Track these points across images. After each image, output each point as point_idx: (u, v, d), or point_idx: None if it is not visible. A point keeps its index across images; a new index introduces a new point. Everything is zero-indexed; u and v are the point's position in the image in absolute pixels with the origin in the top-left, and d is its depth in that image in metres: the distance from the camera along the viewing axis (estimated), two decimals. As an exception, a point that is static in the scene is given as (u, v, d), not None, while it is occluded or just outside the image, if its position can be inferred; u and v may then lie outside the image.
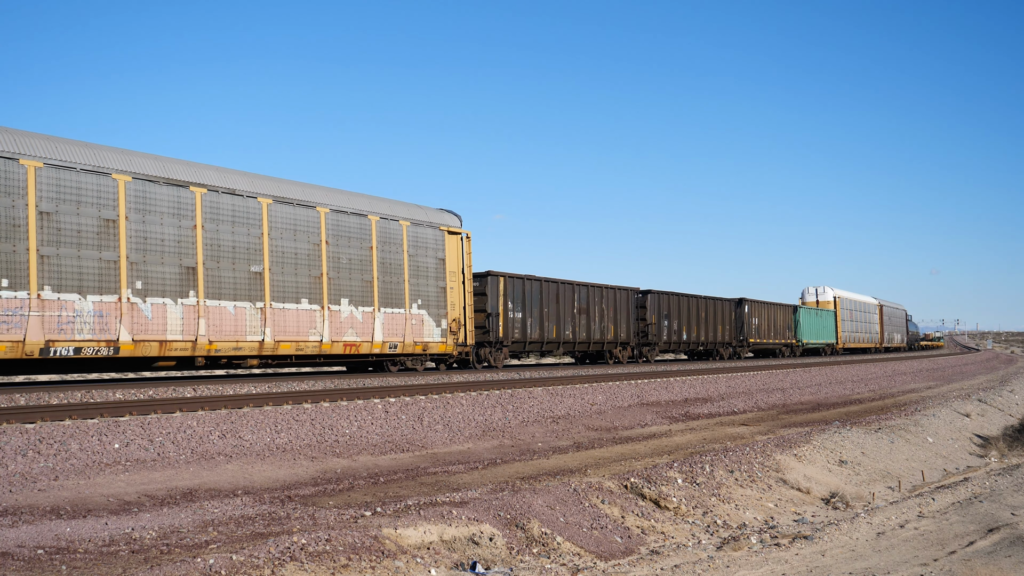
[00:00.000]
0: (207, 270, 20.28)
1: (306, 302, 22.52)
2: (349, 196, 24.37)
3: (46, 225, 17.64)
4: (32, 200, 17.40)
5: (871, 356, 64.09)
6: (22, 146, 17.44)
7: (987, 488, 13.17)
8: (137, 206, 19.11)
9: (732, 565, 8.62)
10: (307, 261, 22.67)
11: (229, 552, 7.02)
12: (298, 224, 22.57)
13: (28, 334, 16.98)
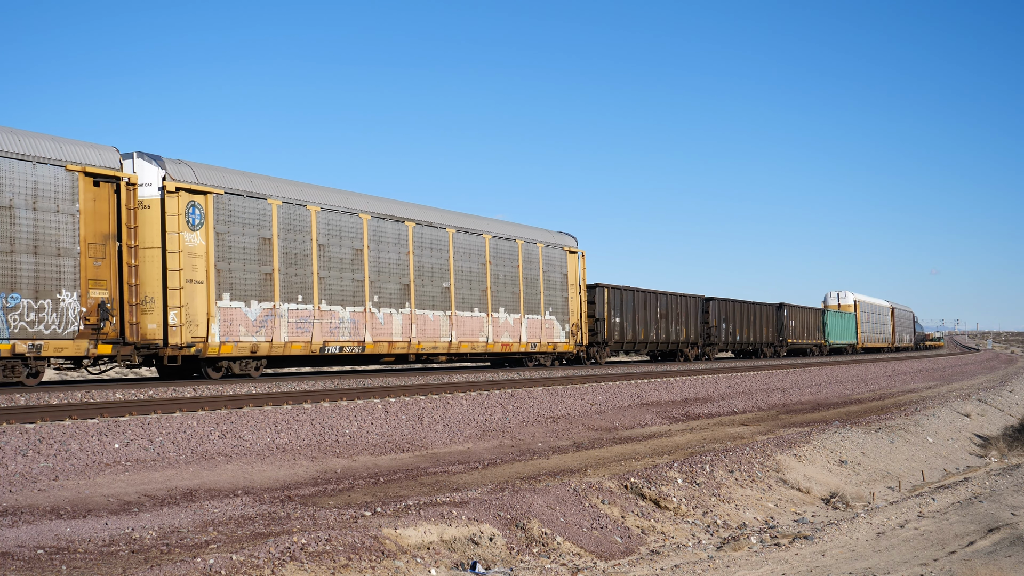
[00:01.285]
0: (416, 287, 25.82)
1: (477, 310, 28.10)
2: (502, 225, 30.44)
3: (321, 255, 22.93)
4: (314, 236, 22.81)
5: (871, 356, 64.19)
6: (307, 195, 22.94)
7: (987, 488, 13.17)
8: (373, 238, 24.62)
9: (732, 565, 8.62)
10: (477, 278, 28.31)
11: (229, 552, 7.02)
12: (472, 249, 28.27)
13: (314, 336, 22.45)
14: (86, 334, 17.69)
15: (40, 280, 17.15)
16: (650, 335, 39.50)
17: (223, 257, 20.44)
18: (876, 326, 77.58)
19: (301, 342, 22.06)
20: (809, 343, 60.34)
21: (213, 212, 20.32)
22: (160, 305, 19.29)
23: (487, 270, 28.65)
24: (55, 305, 17.32)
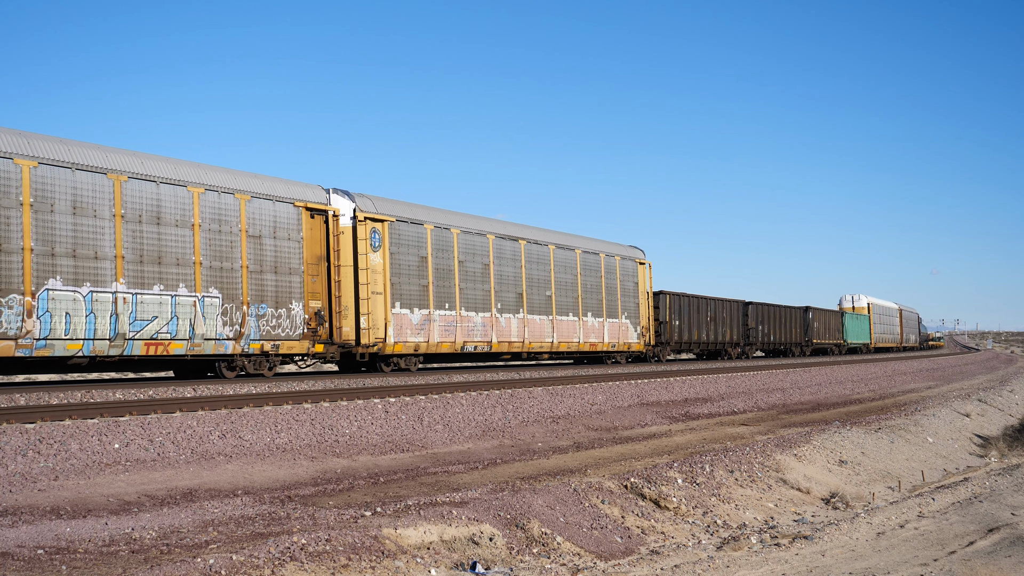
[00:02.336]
0: (527, 295, 30.27)
1: (571, 315, 32.53)
2: (588, 241, 34.89)
3: (461, 269, 27.51)
4: (456, 254, 27.38)
5: (871, 356, 64.19)
6: (450, 220, 27.46)
7: (987, 488, 13.17)
8: (497, 255, 29.18)
9: (732, 565, 8.62)
10: (571, 287, 32.81)
11: (229, 552, 7.02)
12: (567, 262, 32.81)
13: (456, 337, 26.95)
14: (307, 336, 22.13)
15: (279, 293, 21.59)
16: (702, 336, 44.34)
17: (395, 272, 25.10)
18: (887, 327, 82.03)
19: (448, 342, 26.64)
20: (830, 343, 64.71)
21: (388, 236, 24.94)
22: (352, 312, 23.55)
23: (578, 280, 33.28)
24: (288, 313, 21.68)
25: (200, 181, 20.16)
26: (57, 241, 17.44)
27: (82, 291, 17.71)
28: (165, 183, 19.41)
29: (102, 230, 18.15)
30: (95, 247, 18.01)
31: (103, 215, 18.22)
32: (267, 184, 21.77)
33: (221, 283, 20.24)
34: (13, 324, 16.60)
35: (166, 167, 19.64)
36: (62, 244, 17.51)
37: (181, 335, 19.31)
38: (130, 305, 18.44)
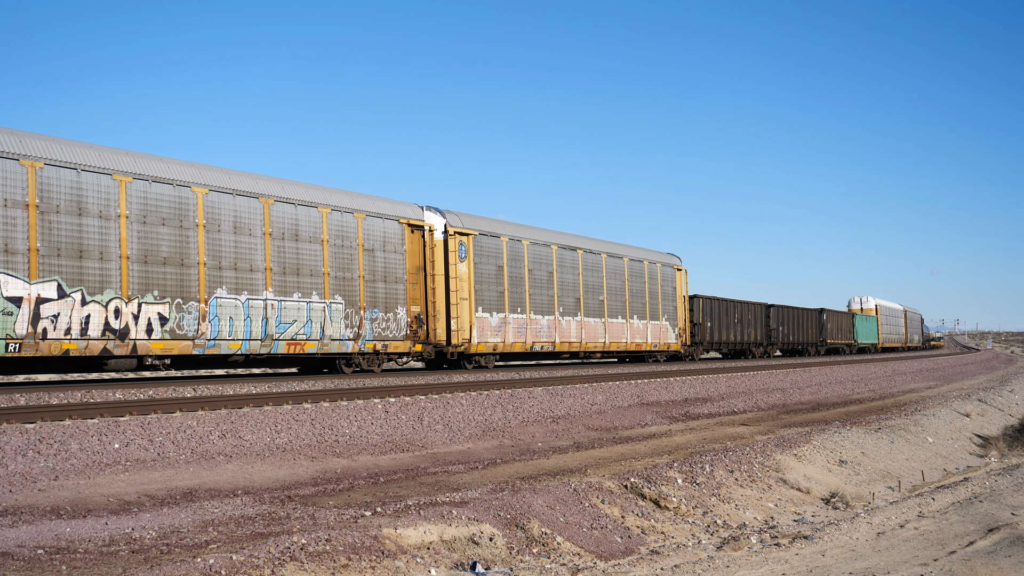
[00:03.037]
0: (584, 300, 33.68)
1: (620, 317, 36.01)
2: (634, 249, 38.41)
3: (530, 277, 30.77)
4: (526, 263, 30.66)
5: (873, 356, 64.21)
6: (521, 233, 30.75)
7: (987, 488, 13.17)
8: (559, 264, 32.53)
9: (732, 565, 8.62)
10: (619, 291, 36.21)
11: (229, 552, 7.02)
12: (616, 269, 36.28)
13: (527, 338, 30.22)
14: (409, 337, 25.31)
15: (387, 299, 24.83)
16: (730, 336, 47.92)
17: (478, 280, 28.19)
18: (893, 327, 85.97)
19: (520, 343, 30.00)
20: (842, 343, 68.32)
21: (472, 248, 28.10)
22: (443, 315, 26.72)
23: (626, 286, 36.82)
24: (395, 317, 24.93)
25: (327, 203, 23.47)
26: (223, 256, 20.63)
27: (241, 299, 20.94)
28: (301, 205, 22.76)
29: (255, 246, 21.45)
30: (250, 261, 21.30)
31: (256, 233, 21.54)
32: (377, 204, 25.21)
33: (343, 291, 23.62)
34: (191, 327, 19.69)
35: (301, 191, 22.93)
36: (227, 259, 20.71)
37: (314, 336, 22.54)
38: (276, 310, 21.70)
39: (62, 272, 17.62)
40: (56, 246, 17.57)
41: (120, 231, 18.62)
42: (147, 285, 19.00)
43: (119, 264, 18.57)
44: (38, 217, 17.35)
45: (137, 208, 18.99)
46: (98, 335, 18.01)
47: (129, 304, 18.61)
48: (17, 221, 17.03)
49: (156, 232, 19.26)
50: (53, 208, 17.60)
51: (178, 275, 19.59)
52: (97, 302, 18.09)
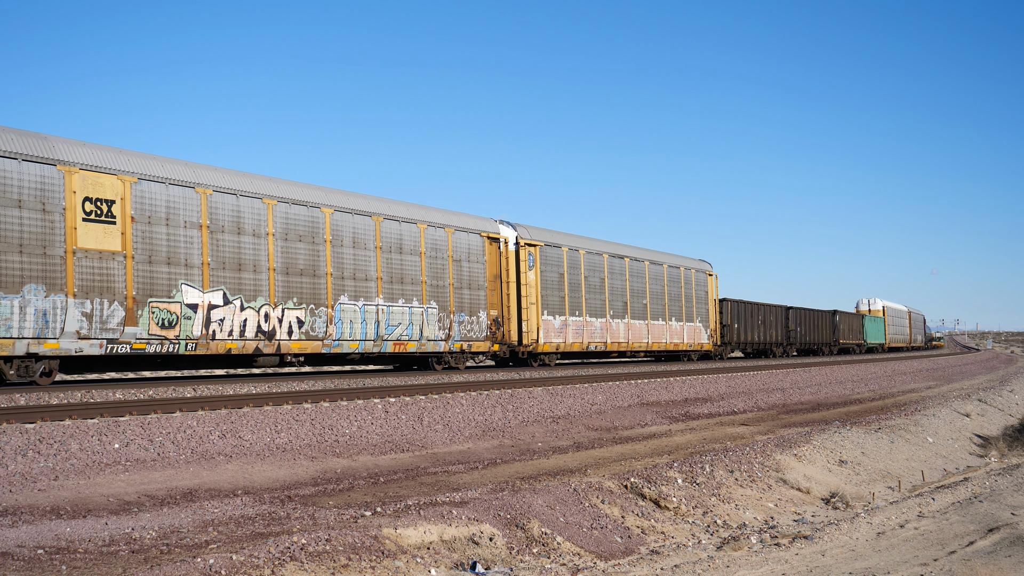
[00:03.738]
0: (631, 303, 36.74)
1: (660, 319, 39.14)
2: (672, 256, 41.53)
3: (586, 283, 33.82)
4: (582, 270, 33.64)
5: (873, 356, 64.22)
6: (578, 243, 33.67)
7: (987, 488, 13.17)
8: (610, 271, 35.63)
9: (732, 565, 8.62)
10: (659, 295, 39.32)
11: (229, 552, 7.02)
12: (657, 275, 39.39)
13: (583, 338, 33.08)
14: (489, 338, 28.25)
15: (471, 304, 27.75)
16: (754, 337, 51.16)
17: (544, 287, 31.17)
18: (899, 328, 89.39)
19: (577, 343, 32.77)
20: (852, 343, 71.47)
21: (539, 258, 31.12)
22: (515, 318, 29.60)
23: (665, 290, 39.86)
24: (477, 320, 27.85)
25: (424, 219, 26.47)
26: (345, 267, 23.68)
27: (358, 304, 23.98)
28: (404, 222, 25.74)
29: (369, 259, 24.51)
30: (365, 271, 24.32)
31: (370, 247, 24.58)
32: (463, 219, 28.22)
33: (437, 297, 26.59)
34: (321, 329, 22.67)
35: (404, 210, 26.00)
36: (347, 269, 23.76)
37: (414, 337, 25.58)
38: (385, 315, 24.71)
39: (226, 282, 20.68)
40: (222, 260, 20.62)
41: (268, 247, 21.80)
42: (288, 293, 22.17)
43: (268, 275, 21.75)
44: (209, 236, 20.39)
45: (280, 227, 22.13)
46: (252, 336, 21.08)
47: (275, 309, 21.77)
48: (194, 240, 20.07)
49: (295, 247, 22.47)
50: (219, 228, 20.66)
51: (311, 284, 22.75)
52: (252, 308, 21.20)
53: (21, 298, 16.93)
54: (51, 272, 17.44)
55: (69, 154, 18.07)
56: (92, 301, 17.99)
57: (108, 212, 18.48)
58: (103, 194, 18.41)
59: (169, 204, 19.57)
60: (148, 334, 18.84)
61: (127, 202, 18.76)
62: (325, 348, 22.72)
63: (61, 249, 17.62)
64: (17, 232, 17.00)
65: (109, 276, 18.36)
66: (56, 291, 17.46)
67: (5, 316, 16.59)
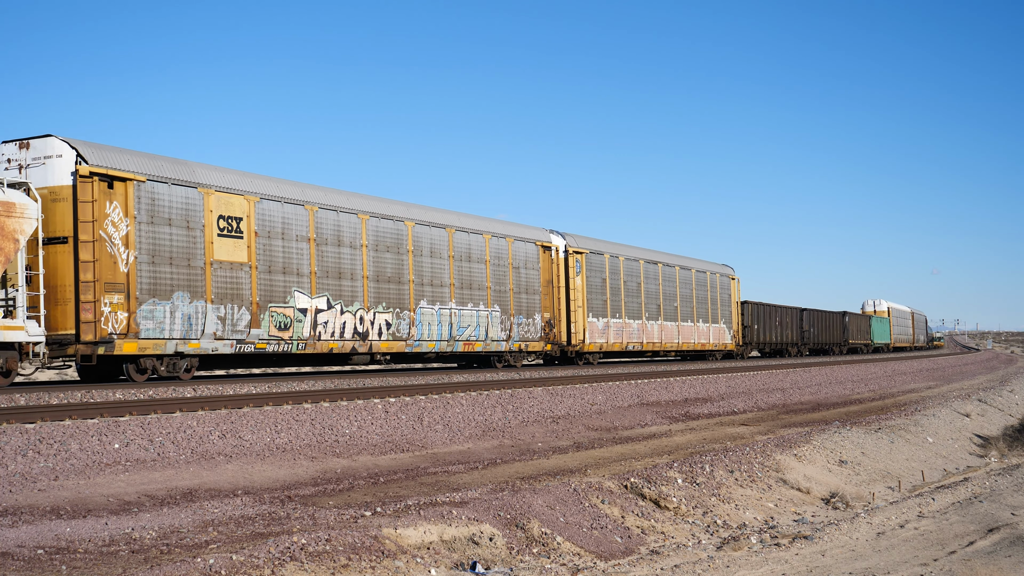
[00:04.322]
0: (663, 305, 39.62)
1: (688, 321, 41.77)
2: (699, 262, 44.30)
3: (624, 287, 36.48)
4: (622, 276, 36.35)
5: (873, 356, 64.25)
6: (617, 250, 36.50)
7: (987, 488, 13.17)
8: (646, 275, 38.27)
9: (732, 565, 8.62)
10: (689, 299, 41.98)
11: (229, 552, 7.02)
12: (686, 279, 42.12)
13: (622, 339, 35.91)
14: (542, 338, 30.95)
15: (528, 308, 30.35)
16: (772, 337, 54.17)
17: (589, 291, 33.66)
18: (903, 328, 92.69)
19: (618, 343, 35.53)
20: (860, 343, 74.49)
21: (585, 264, 33.58)
22: (564, 320, 32.16)
23: (693, 294, 42.42)
24: (533, 322, 30.53)
25: (488, 230, 29.11)
26: (423, 274, 26.15)
27: (435, 308, 26.40)
28: (471, 233, 28.27)
29: (443, 267, 26.98)
30: (440, 278, 26.80)
31: (444, 256, 27.08)
32: (520, 230, 30.96)
33: (499, 301, 29.10)
34: (404, 330, 25.20)
35: (471, 221, 28.62)
36: (426, 276, 26.23)
37: (480, 338, 28.08)
38: (457, 317, 27.17)
39: (329, 289, 23.03)
40: (326, 269, 23.01)
41: (363, 257, 24.22)
42: (378, 298, 24.56)
43: (362, 283, 24.14)
44: (315, 248, 22.79)
45: (372, 239, 24.56)
46: (349, 337, 23.46)
47: (368, 313, 24.15)
48: (303, 252, 22.46)
49: (383, 257, 24.93)
50: (324, 241, 23.06)
51: (396, 290, 25.20)
52: (349, 312, 23.57)
53: (171, 304, 19.14)
54: (194, 281, 19.71)
55: (206, 177, 20.34)
56: (225, 306, 20.32)
57: (237, 228, 20.88)
58: (233, 212, 20.75)
59: (284, 220, 22.02)
60: (268, 335, 21.27)
61: (251, 219, 21.16)
62: (408, 348, 25.37)
63: (201, 261, 19.89)
64: (168, 247, 19.28)
65: (238, 284, 20.76)
66: (198, 298, 19.74)
67: (160, 320, 18.87)
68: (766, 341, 53.19)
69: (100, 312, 17.70)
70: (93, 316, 17.57)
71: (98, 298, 17.72)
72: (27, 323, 16.54)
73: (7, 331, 16.19)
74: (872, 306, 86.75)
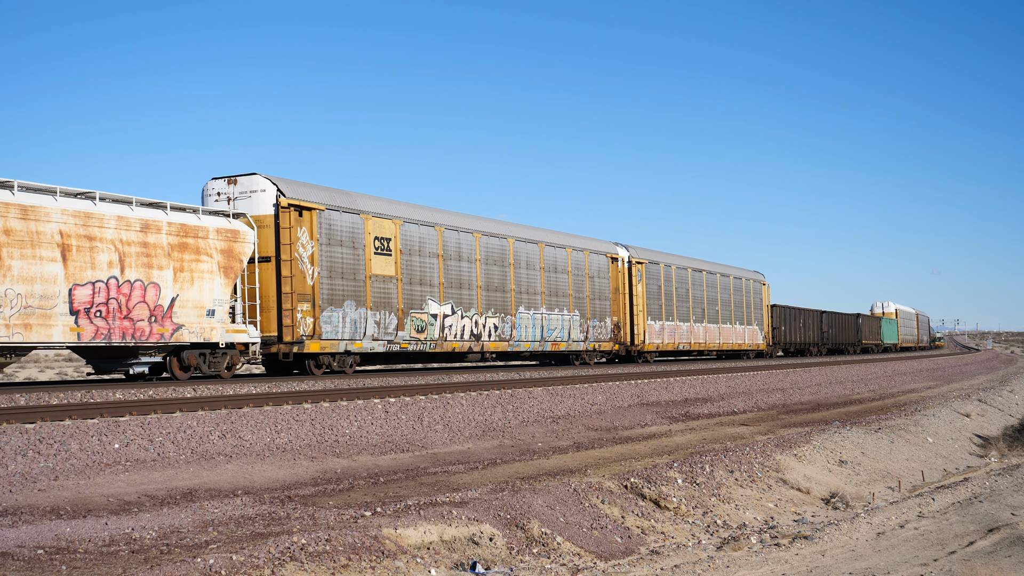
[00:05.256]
0: (707, 308, 43.80)
1: (727, 323, 45.98)
2: (734, 269, 48.45)
3: (676, 293, 40.75)
4: (674, 283, 40.71)
5: (875, 356, 64.24)
6: (671, 260, 41.07)
7: (987, 488, 13.17)
8: (694, 283, 42.63)
9: (732, 565, 8.62)
10: (727, 303, 46.08)
11: (229, 552, 7.02)
12: (725, 285, 46.28)
13: (675, 339, 40.17)
14: (611, 339, 35.14)
15: (600, 312, 34.65)
16: (796, 338, 58.47)
17: (648, 297, 38.04)
18: (909, 329, 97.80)
19: (671, 343, 39.87)
20: (872, 343, 79.24)
21: (645, 273, 37.96)
22: (628, 323, 36.59)
23: (731, 298, 46.60)
24: (604, 325, 34.81)
25: (570, 244, 33.29)
26: (521, 284, 30.10)
27: (529, 313, 30.42)
28: (557, 247, 32.48)
29: (535, 277, 31.00)
30: (534, 287, 30.86)
31: (536, 268, 31.08)
32: (593, 243, 35.17)
33: (579, 306, 33.22)
34: (507, 332, 29.13)
35: (555, 237, 32.78)
36: (523, 286, 30.17)
37: (564, 339, 32.24)
38: (546, 321, 31.25)
39: (452, 297, 26.88)
40: (450, 281, 26.86)
41: (476, 270, 28.16)
42: (488, 305, 28.43)
43: (476, 292, 28.04)
44: (443, 263, 26.70)
45: (483, 254, 28.49)
46: (467, 338, 27.36)
47: (481, 317, 28.03)
48: (434, 266, 26.36)
49: (491, 270, 28.80)
50: (448, 256, 26.95)
51: (501, 298, 29.05)
52: (468, 317, 27.44)
53: (343, 311, 22.91)
54: (358, 292, 23.57)
55: (365, 205, 24.24)
56: (379, 312, 24.20)
57: (387, 247, 24.78)
58: (384, 234, 24.66)
59: (420, 239, 25.92)
60: (409, 336, 25.10)
61: (397, 239, 25.10)
62: (509, 347, 29.27)
63: (363, 275, 23.77)
64: (340, 263, 23.04)
65: (388, 294, 24.61)
66: (361, 305, 23.61)
67: (335, 324, 22.58)
68: (791, 341, 57.33)
69: (296, 318, 21.44)
70: (291, 321, 21.39)
71: (294, 306, 21.47)
72: (248, 327, 20.60)
73: (235, 333, 20.25)
74: (881, 308, 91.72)
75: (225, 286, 20.07)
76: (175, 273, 19.09)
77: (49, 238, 17.01)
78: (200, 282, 19.52)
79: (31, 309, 16.59)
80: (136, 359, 19.01)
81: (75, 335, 17.26)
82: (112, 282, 17.92)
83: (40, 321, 16.78)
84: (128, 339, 18.12)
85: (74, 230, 17.40)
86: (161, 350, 19.23)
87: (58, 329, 17.00)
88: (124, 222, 18.37)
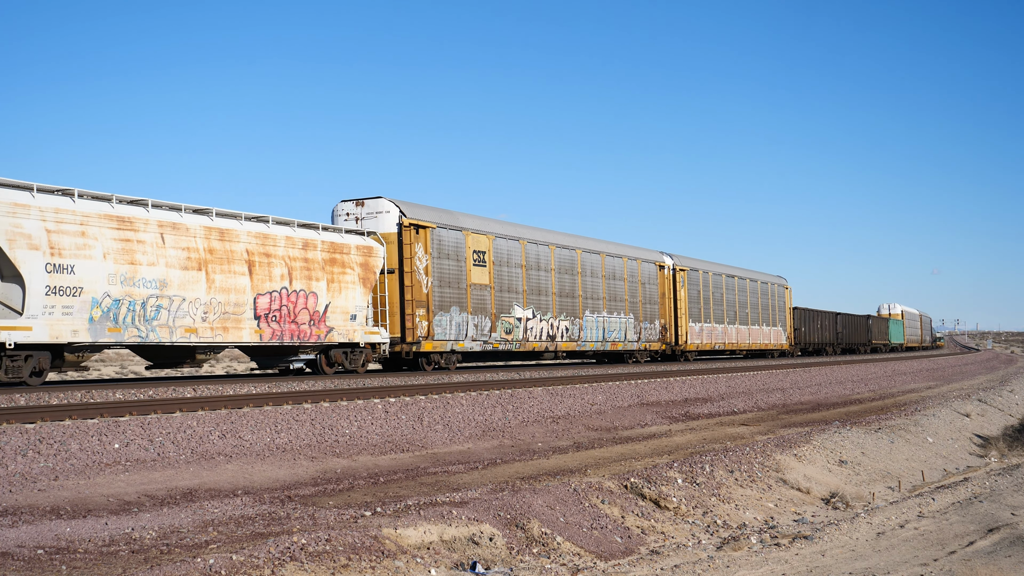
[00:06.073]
0: (738, 312, 47.57)
1: (754, 325, 49.69)
2: (760, 274, 52.22)
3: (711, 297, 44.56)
4: (710, 288, 44.60)
5: (874, 356, 64.25)
6: (706, 267, 44.77)
7: (987, 488, 13.17)
8: (727, 287, 46.55)
9: (732, 565, 8.62)
10: (756, 306, 50.14)
11: (229, 552, 7.02)
12: (753, 289, 49.97)
13: (712, 340, 44.04)
14: (659, 340, 38.97)
15: (650, 315, 38.49)
16: (814, 339, 62.49)
17: (689, 300, 41.90)
18: (913, 329, 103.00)
19: (708, 343, 43.61)
20: (881, 343, 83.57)
21: (686, 279, 41.90)
22: (673, 324, 40.39)
23: (758, 301, 50.60)
24: (653, 326, 38.65)
25: (625, 254, 37.16)
26: (586, 290, 33.81)
27: (593, 316, 34.14)
28: (616, 257, 36.37)
29: (598, 284, 34.74)
30: (597, 292, 34.59)
31: (598, 275, 34.82)
32: (644, 252, 38.98)
33: (633, 310, 37.09)
34: (576, 334, 32.73)
35: (614, 247, 36.57)
36: (588, 292, 33.91)
37: (621, 340, 36.09)
38: (606, 323, 34.96)
39: (533, 303, 30.37)
40: (531, 288, 30.34)
41: (552, 278, 31.77)
42: (561, 309, 32.03)
43: (551, 298, 31.63)
44: (525, 272, 30.28)
45: (556, 264, 32.10)
46: (545, 339, 31.00)
47: (555, 320, 31.61)
48: (518, 275, 29.94)
49: (563, 278, 32.48)
50: (530, 266, 30.54)
51: (571, 303, 32.65)
52: (545, 320, 31.03)
53: (449, 315, 26.41)
54: (460, 299, 26.97)
55: (465, 223, 27.82)
56: (477, 316, 27.58)
57: (482, 259, 28.22)
58: (480, 247, 28.13)
59: (508, 252, 29.48)
60: (500, 337, 28.50)
61: (490, 252, 28.57)
62: (577, 347, 32.86)
63: (464, 284, 27.27)
64: (447, 274, 26.56)
65: (483, 300, 28.00)
66: (463, 311, 27.07)
67: (444, 327, 26.05)
68: (809, 341, 61.27)
69: (415, 322, 24.92)
70: (412, 324, 24.94)
71: (413, 312, 24.98)
72: (380, 329, 24.18)
73: (371, 335, 23.84)
74: (888, 310, 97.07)
75: (364, 294, 23.62)
76: (328, 284, 22.53)
77: (240, 256, 20.38)
78: (346, 291, 23.00)
79: (228, 315, 19.93)
80: (296, 356, 22.62)
81: (258, 336, 20.71)
82: (283, 291, 21.37)
83: (234, 324, 20.08)
84: (294, 339, 21.58)
85: (256, 248, 20.79)
86: (315, 349, 22.68)
87: (246, 331, 20.38)
88: (290, 241, 21.81)
